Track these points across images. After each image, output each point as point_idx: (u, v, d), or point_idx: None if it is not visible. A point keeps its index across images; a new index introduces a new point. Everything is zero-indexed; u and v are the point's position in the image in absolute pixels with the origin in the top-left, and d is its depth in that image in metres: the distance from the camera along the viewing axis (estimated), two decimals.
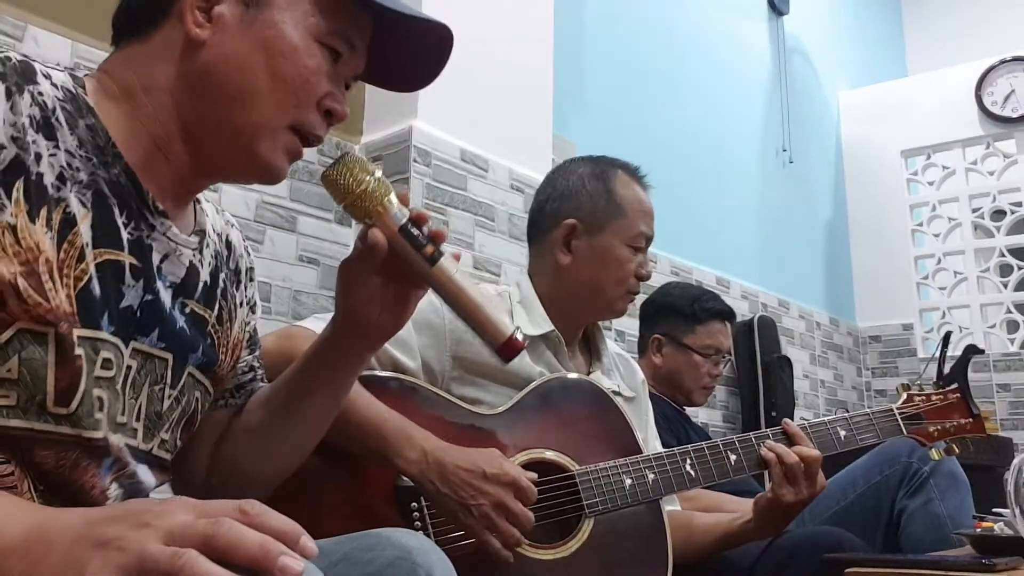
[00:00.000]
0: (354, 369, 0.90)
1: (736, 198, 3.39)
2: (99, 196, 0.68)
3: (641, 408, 1.48)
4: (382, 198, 0.79)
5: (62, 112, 0.67)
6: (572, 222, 1.36)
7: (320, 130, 0.78)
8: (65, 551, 0.50)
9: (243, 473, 0.90)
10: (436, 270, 0.79)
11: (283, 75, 0.74)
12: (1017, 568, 1.16)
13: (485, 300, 0.80)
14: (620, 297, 1.38)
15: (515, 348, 0.79)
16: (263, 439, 0.89)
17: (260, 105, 0.74)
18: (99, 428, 0.67)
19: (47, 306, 0.62)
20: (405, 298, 0.84)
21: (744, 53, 3.58)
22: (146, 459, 0.75)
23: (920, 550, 1.63)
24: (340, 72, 0.79)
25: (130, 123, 0.72)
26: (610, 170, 1.40)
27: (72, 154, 0.67)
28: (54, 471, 0.65)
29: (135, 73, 0.74)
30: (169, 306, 0.76)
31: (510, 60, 2.07)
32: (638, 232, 1.37)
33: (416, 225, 0.79)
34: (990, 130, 3.95)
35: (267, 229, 1.69)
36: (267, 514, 0.51)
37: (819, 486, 1.28)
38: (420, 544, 0.77)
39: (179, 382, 0.78)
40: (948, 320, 3.98)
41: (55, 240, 0.64)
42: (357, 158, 0.80)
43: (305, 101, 0.76)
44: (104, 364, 0.67)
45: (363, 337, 0.86)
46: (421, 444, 1.07)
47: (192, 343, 0.79)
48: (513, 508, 1.05)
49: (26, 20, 1.38)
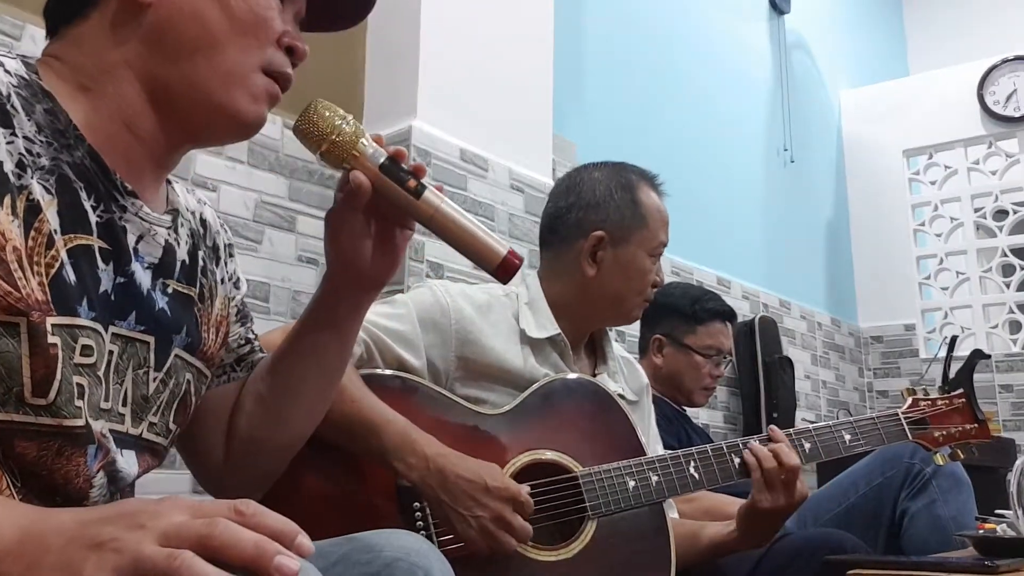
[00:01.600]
0: (355, 319, 0.89)
1: (737, 198, 3.39)
2: (63, 181, 0.67)
3: (644, 412, 1.48)
4: (357, 140, 0.79)
5: (17, 98, 0.66)
6: (601, 234, 1.35)
7: (286, 67, 0.77)
8: (60, 552, 0.49)
9: (259, 442, 0.90)
10: (422, 202, 0.79)
11: (239, 16, 0.73)
12: (1020, 570, 1.15)
13: (475, 225, 0.80)
14: (638, 306, 1.39)
15: (511, 267, 0.79)
16: (275, 405, 0.89)
17: (225, 52, 0.73)
18: (80, 416, 0.66)
19: (17, 295, 0.61)
20: (394, 239, 0.85)
21: (745, 52, 3.58)
22: (135, 444, 0.75)
23: (922, 552, 1.63)
24: (287, 12, 0.79)
25: (92, 105, 0.71)
26: (634, 179, 1.40)
27: (31, 140, 0.65)
28: (36, 461, 0.65)
29: (85, 55, 0.72)
30: (148, 287, 0.75)
31: (510, 60, 2.06)
32: (660, 242, 1.38)
33: (395, 161, 0.79)
34: (992, 129, 3.94)
35: (266, 229, 1.69)
36: (263, 514, 0.50)
37: (798, 496, 1.24)
38: (419, 545, 0.76)
39: (164, 364, 0.77)
40: (950, 321, 3.97)
41: (22, 228, 0.63)
42: (326, 104, 0.80)
43: (265, 39, 0.75)
44: (84, 351, 0.66)
45: (359, 285, 0.86)
46: (423, 450, 1.07)
47: (175, 324, 0.78)
48: (512, 522, 1.05)
49: (24, 19, 1.38)
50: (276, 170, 1.72)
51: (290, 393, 0.90)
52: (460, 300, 1.27)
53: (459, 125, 1.91)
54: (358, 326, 0.91)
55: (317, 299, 0.88)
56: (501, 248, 0.79)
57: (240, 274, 0.94)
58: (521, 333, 1.30)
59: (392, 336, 1.20)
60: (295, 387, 0.90)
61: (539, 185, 2.06)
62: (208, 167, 1.60)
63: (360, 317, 0.90)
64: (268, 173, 1.70)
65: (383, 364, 1.19)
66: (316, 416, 0.93)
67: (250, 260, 1.64)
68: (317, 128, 0.79)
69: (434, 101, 1.86)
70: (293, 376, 0.89)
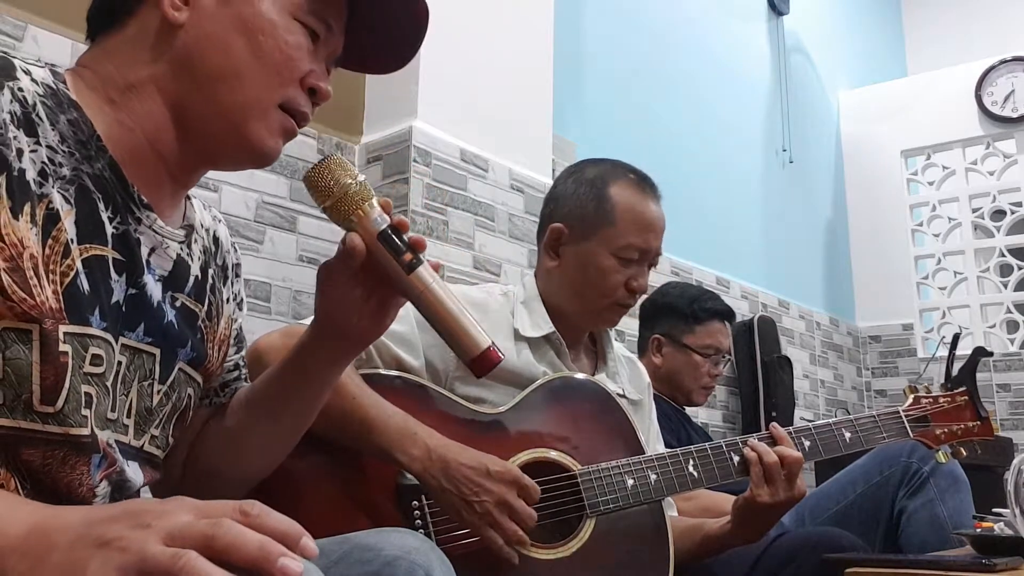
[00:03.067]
0: (334, 371, 0.88)
1: (736, 198, 3.39)
2: (82, 191, 0.68)
3: (645, 411, 1.48)
4: (363, 202, 0.78)
5: (43, 108, 0.67)
6: (559, 226, 1.35)
7: (306, 107, 0.78)
8: (66, 550, 0.50)
9: (219, 473, 0.89)
10: (413, 278, 0.77)
11: (265, 52, 0.74)
12: (1017, 568, 1.15)
13: (461, 313, 0.78)
14: (606, 308, 1.33)
15: (489, 362, 0.77)
16: (242, 440, 0.89)
17: (246, 84, 0.74)
18: (85, 425, 0.66)
19: (32, 302, 0.62)
20: (384, 305, 0.83)
21: (744, 53, 3.58)
22: (137, 456, 0.75)
23: (920, 550, 1.63)
24: (319, 52, 0.79)
25: (117, 118, 0.72)
26: (613, 176, 1.36)
27: (54, 149, 0.66)
28: (41, 469, 0.65)
29: (116, 67, 0.73)
30: (158, 300, 0.75)
31: (510, 60, 2.07)
32: (626, 243, 1.31)
33: (396, 232, 0.78)
34: (990, 130, 3.95)
35: (267, 229, 1.69)
36: (268, 515, 0.51)
37: (798, 491, 1.23)
38: (419, 544, 0.77)
39: (168, 377, 0.77)
40: (948, 320, 3.97)
41: (40, 236, 0.64)
42: (340, 160, 0.80)
43: (289, 78, 0.76)
44: (93, 360, 0.67)
45: (342, 341, 0.86)
46: (425, 441, 1.07)
47: (181, 338, 0.78)
48: (516, 506, 1.05)
49: (26, 20, 1.38)
50: (277, 170, 1.72)
51: (259, 432, 0.89)
52: None
53: (459, 125, 1.91)
54: (334, 379, 0.90)
55: (300, 344, 0.87)
56: (483, 341, 0.77)
57: (244, 296, 0.94)
58: (515, 331, 1.31)
59: (390, 336, 1.20)
60: (265, 427, 0.89)
61: (539, 185, 2.07)
62: None
63: (337, 372, 0.89)
64: (269, 173, 1.71)
65: (382, 364, 1.19)
66: (282, 454, 0.92)
67: (251, 260, 1.65)
68: (325, 183, 0.78)
69: (434, 101, 1.86)
70: (265, 417, 0.88)
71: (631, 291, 1.32)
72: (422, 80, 1.84)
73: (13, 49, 1.35)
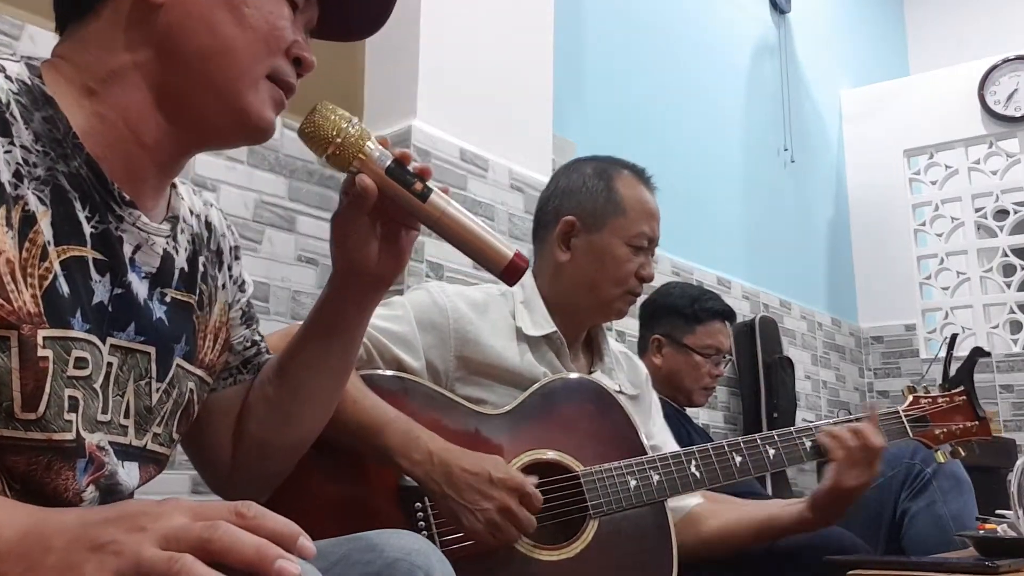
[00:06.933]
0: (363, 317, 0.90)
1: (737, 197, 3.38)
2: (58, 191, 0.66)
3: (645, 403, 1.48)
4: (363, 143, 0.79)
5: (16, 106, 0.65)
6: (571, 219, 1.36)
7: (292, 77, 0.77)
8: (61, 553, 0.49)
9: (267, 443, 0.90)
10: (428, 205, 0.78)
11: (251, 24, 0.73)
12: (1020, 570, 1.15)
13: (481, 228, 0.80)
14: (619, 297, 1.36)
15: (519, 269, 0.79)
16: (283, 407, 0.89)
17: (237, 58, 0.73)
18: (69, 429, 0.65)
19: (9, 308, 0.61)
20: (400, 239, 0.85)
21: (745, 52, 3.57)
22: (138, 456, 0.74)
23: (923, 552, 1.63)
24: (298, 22, 0.79)
25: (96, 110, 0.70)
26: (613, 169, 1.40)
27: (28, 149, 0.65)
28: (26, 475, 0.64)
29: (93, 57, 0.71)
30: (145, 298, 0.74)
31: (510, 60, 2.06)
32: (638, 231, 1.35)
33: (401, 164, 0.79)
34: (993, 129, 3.94)
35: (266, 229, 1.69)
36: (264, 516, 0.50)
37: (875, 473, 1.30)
38: (419, 545, 0.76)
39: (167, 374, 0.76)
40: (951, 321, 3.96)
41: (16, 240, 0.62)
42: (331, 106, 0.79)
43: (276, 48, 0.75)
44: (77, 363, 0.66)
45: (365, 285, 0.87)
46: (427, 445, 1.07)
47: (174, 333, 0.78)
48: (518, 513, 1.05)
49: (23, 19, 1.38)
50: (276, 170, 1.72)
51: (298, 395, 0.90)
52: (457, 300, 1.27)
53: (459, 125, 1.91)
54: (365, 326, 0.92)
55: (323, 301, 0.88)
56: (507, 250, 0.79)
57: (246, 276, 0.93)
58: (518, 331, 1.30)
59: (390, 337, 1.20)
60: (303, 389, 0.90)
61: (539, 185, 2.06)
62: (208, 167, 1.60)
63: (367, 317, 0.91)
64: (268, 173, 1.70)
65: (383, 365, 1.19)
66: (324, 416, 0.93)
67: (250, 260, 1.64)
68: (322, 131, 0.78)
69: (434, 101, 1.85)
70: (301, 378, 0.89)
71: (641, 279, 1.37)
72: (422, 79, 1.84)
73: (10, 48, 1.35)
